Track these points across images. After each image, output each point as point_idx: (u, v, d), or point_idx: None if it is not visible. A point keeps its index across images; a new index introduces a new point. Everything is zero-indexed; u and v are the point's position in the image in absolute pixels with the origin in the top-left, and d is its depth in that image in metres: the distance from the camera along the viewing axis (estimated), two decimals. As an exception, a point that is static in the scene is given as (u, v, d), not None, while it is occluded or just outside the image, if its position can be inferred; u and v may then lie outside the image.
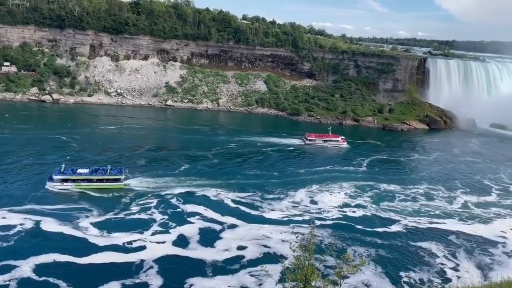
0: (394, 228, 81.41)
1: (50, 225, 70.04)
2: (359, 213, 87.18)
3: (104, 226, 70.91)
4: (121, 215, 76.02)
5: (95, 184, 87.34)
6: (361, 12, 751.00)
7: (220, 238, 71.40)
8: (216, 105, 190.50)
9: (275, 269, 52.00)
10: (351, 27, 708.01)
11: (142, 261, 61.64)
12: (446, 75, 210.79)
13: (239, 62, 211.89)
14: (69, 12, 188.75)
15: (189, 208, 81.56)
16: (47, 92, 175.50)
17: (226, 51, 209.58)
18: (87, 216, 73.94)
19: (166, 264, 61.43)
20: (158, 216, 76.88)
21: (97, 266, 59.83)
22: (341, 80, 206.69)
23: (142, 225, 72.86)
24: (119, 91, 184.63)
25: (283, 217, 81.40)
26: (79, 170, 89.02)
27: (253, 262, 63.82)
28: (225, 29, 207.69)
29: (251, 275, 60.32)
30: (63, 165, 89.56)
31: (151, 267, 60.38)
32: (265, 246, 69.64)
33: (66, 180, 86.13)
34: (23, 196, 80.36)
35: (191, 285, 57.02)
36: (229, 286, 57.26)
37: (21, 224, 69.18)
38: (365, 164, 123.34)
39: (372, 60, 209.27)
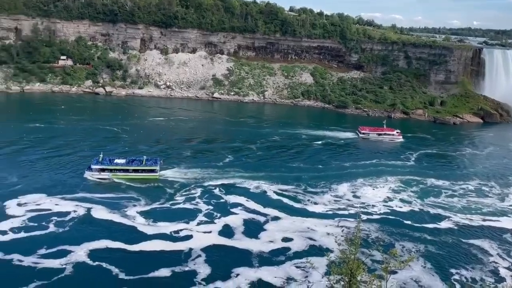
0: (444, 224, 78.23)
1: (100, 212, 72.14)
2: (406, 208, 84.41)
3: (151, 215, 72.28)
4: (166, 205, 77.22)
5: (131, 174, 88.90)
6: (412, 1, 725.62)
7: (264, 229, 71.25)
8: (262, 97, 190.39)
9: (320, 262, 51.31)
10: (402, 17, 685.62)
11: (190, 249, 62.34)
12: (503, 66, 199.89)
13: (286, 54, 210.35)
14: (121, 7, 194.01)
15: (232, 199, 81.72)
16: (100, 84, 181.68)
17: (272, 43, 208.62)
18: (134, 205, 75.59)
19: (212, 254, 61.86)
20: (202, 207, 77.50)
21: (147, 253, 61.08)
22: (391, 71, 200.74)
23: (187, 215, 73.66)
24: (168, 83, 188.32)
25: (327, 211, 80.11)
26: (116, 160, 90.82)
27: (299, 254, 63.24)
28: (272, 21, 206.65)
29: (297, 267, 59.85)
30: (101, 155, 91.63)
31: (199, 255, 60.99)
32: (310, 238, 68.83)
33: (103, 170, 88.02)
34: (75, 185, 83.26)
35: (238, 274, 57.24)
36: (275, 277, 57.05)
37: (74, 211, 71.65)
38: (413, 158, 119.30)
39: (423, 51, 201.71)
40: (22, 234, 63.16)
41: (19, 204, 72.19)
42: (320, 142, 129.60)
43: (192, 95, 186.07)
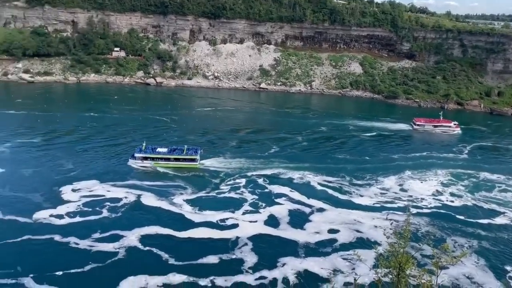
0: (499, 220, 74.64)
1: (149, 199, 74.16)
2: (457, 202, 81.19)
3: (197, 204, 73.47)
4: (212, 194, 78.23)
5: (172, 163, 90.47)
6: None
7: (310, 220, 70.85)
8: (309, 87, 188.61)
9: (368, 255, 50.11)
10: (457, 4, 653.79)
11: (237, 238, 62.97)
12: None
13: (334, 44, 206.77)
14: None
15: (277, 189, 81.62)
16: (151, 75, 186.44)
17: (320, 33, 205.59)
18: (181, 194, 77.05)
19: (258, 243, 62.21)
20: (247, 196, 77.91)
21: (195, 240, 62.30)
22: (444, 60, 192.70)
23: (233, 204, 74.36)
24: (216, 74, 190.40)
25: (374, 203, 78.44)
26: (158, 149, 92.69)
27: (346, 246, 62.48)
28: (321, 10, 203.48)
29: (344, 259, 59.23)
30: (144, 144, 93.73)
31: (245, 244, 61.56)
32: (357, 231, 67.79)
33: (146, 158, 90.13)
34: (126, 172, 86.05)
35: (284, 264, 57.41)
36: (321, 268, 56.75)
37: (125, 198, 74.07)
38: (466, 151, 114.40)
39: (480, 39, 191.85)
40: (78, 219, 66.09)
41: (73, 190, 75.57)
42: (368, 133, 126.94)
43: (239, 85, 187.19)
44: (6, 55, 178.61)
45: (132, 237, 61.36)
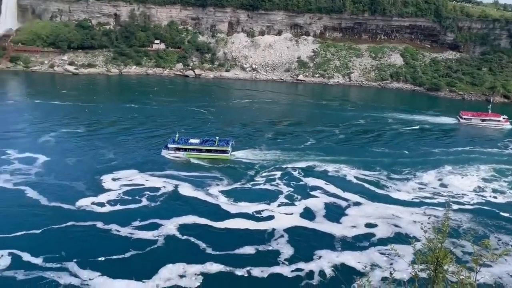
0: (548, 219, 71.57)
1: (186, 190, 75.25)
2: (501, 199, 78.04)
3: (232, 195, 73.94)
4: (247, 186, 78.48)
5: (204, 154, 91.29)
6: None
7: (346, 214, 70.07)
8: (347, 79, 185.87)
9: (406, 250, 49.22)
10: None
11: (273, 230, 63.00)
12: None
13: (374, 35, 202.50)
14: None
15: (312, 182, 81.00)
16: (190, 67, 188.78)
17: (360, 24, 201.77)
18: (217, 184, 77.73)
19: (294, 235, 62.07)
20: (282, 189, 77.71)
21: (231, 230, 62.78)
22: (491, 52, 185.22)
23: (268, 196, 74.38)
24: (253, 66, 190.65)
25: (412, 198, 76.57)
26: (191, 140, 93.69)
27: (383, 241, 61.41)
28: (360, 1, 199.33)
29: (381, 253, 58.33)
30: (177, 135, 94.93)
31: (281, 236, 61.55)
32: (395, 225, 66.50)
33: (179, 149, 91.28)
34: (163, 162, 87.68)
35: (320, 257, 57.14)
36: (358, 262, 56.17)
37: (163, 187, 75.53)
38: (511, 146, 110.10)
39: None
40: (118, 207, 67.94)
41: (114, 179, 77.69)
42: (407, 127, 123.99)
43: (276, 77, 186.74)
44: (53, 48, 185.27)
45: (170, 226, 62.55)
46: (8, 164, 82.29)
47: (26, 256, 52.97)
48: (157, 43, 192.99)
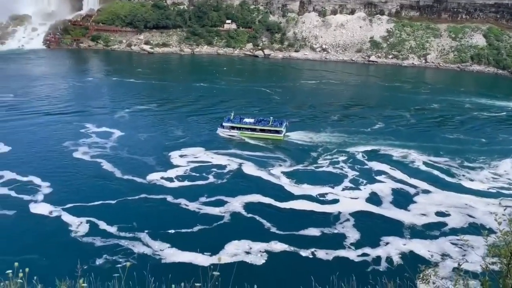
0: None
1: (250, 169, 76.71)
2: None
3: (295, 176, 74.12)
4: (310, 168, 78.24)
5: (258, 133, 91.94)
6: None
7: (414, 201, 67.87)
8: (423, 61, 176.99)
9: (480, 242, 46.89)
10: None
11: (339, 213, 62.78)
12: None
13: (455, 14, 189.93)
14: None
15: (378, 166, 79.15)
16: (259, 47, 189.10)
17: (440, 2, 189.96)
18: (279, 165, 78.31)
19: (360, 220, 61.45)
20: (347, 172, 76.77)
21: (296, 211, 63.22)
22: None
23: (332, 179, 73.87)
24: (323, 46, 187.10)
25: (488, 188, 72.38)
26: (245, 119, 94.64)
27: (456, 231, 58.90)
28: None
29: (453, 244, 56.06)
30: (232, 114, 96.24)
31: (347, 219, 61.16)
32: (469, 216, 63.46)
33: (233, 128, 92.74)
34: (228, 141, 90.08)
35: (387, 243, 56.13)
36: (428, 251, 54.46)
37: (228, 165, 77.60)
38: None
39: None
40: (186, 183, 70.77)
41: (181, 155, 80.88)
42: (486, 113, 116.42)
43: (347, 58, 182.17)
44: (130, 27, 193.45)
45: (236, 204, 64.24)
46: (87, 137, 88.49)
47: (103, 225, 56.88)
48: (229, 23, 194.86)
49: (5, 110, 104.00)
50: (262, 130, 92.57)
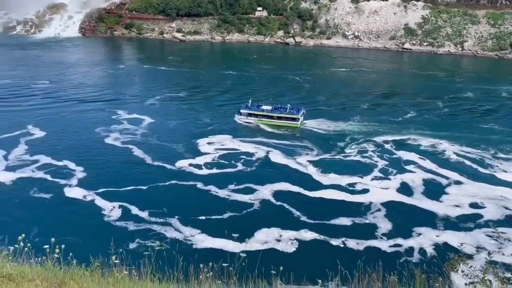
0: None
1: (277, 157, 76.47)
2: None
3: (323, 166, 73.37)
4: (338, 157, 77.27)
5: (275, 121, 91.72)
6: None
7: (446, 192, 66.05)
8: (460, 49, 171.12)
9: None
10: None
11: (370, 203, 61.88)
12: None
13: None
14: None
15: (408, 156, 77.43)
16: (291, 35, 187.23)
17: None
18: (306, 154, 77.71)
19: (392, 210, 60.41)
20: (376, 162, 75.40)
21: (325, 200, 62.67)
22: None
23: (360, 169, 72.76)
24: (356, 33, 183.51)
25: (524, 180, 69.79)
26: (263, 107, 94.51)
27: (491, 223, 57.03)
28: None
29: (488, 236, 54.31)
30: (250, 101, 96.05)
31: (378, 210, 60.23)
32: (505, 207, 61.34)
33: (251, 115, 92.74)
34: (252, 129, 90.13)
35: (419, 234, 54.94)
36: (462, 243, 52.74)
37: (255, 153, 77.69)
38: None
39: None
40: (215, 170, 71.14)
41: (209, 143, 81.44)
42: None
43: (380, 45, 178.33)
44: (162, 15, 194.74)
45: (265, 191, 64.25)
46: (118, 124, 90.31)
47: (135, 210, 57.93)
48: (260, 10, 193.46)
49: (40, 96, 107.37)
50: (279, 118, 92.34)
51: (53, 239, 12.48)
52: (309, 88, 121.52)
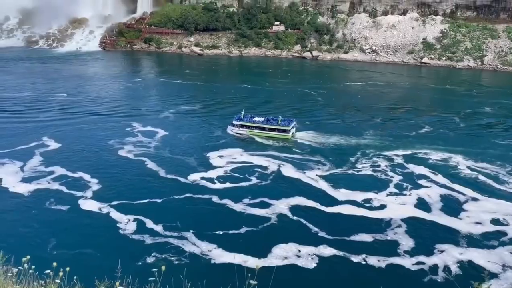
0: None
1: (289, 171, 75.59)
2: None
3: (336, 180, 72.37)
4: (350, 172, 76.10)
5: (266, 132, 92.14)
6: None
7: (464, 209, 64.41)
8: (479, 63, 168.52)
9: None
10: None
11: (390, 219, 60.56)
12: None
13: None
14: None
15: (423, 171, 75.94)
16: (308, 49, 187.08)
17: (498, 1, 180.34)
18: (318, 168, 76.77)
19: (411, 226, 59.06)
20: (390, 177, 74.13)
21: (343, 216, 61.56)
22: None
23: (375, 185, 71.51)
24: (373, 47, 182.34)
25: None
26: (255, 118, 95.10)
27: (515, 241, 55.06)
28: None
29: (514, 254, 52.22)
30: (243, 112, 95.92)
31: (398, 226, 58.90)
32: (528, 225, 59.02)
33: (243, 126, 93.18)
34: (262, 142, 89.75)
35: (442, 251, 53.39)
36: (488, 262, 50.85)
37: (267, 167, 76.97)
38: None
39: None
40: (228, 184, 70.44)
41: (220, 156, 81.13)
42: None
43: (398, 59, 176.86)
44: (181, 30, 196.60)
45: (281, 206, 63.46)
46: (132, 136, 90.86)
47: (149, 223, 57.45)
48: (277, 25, 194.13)
49: (57, 108, 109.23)
50: (270, 129, 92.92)
51: (55, 263, 12.30)
52: (322, 102, 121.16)
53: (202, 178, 71.61)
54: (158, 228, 56.06)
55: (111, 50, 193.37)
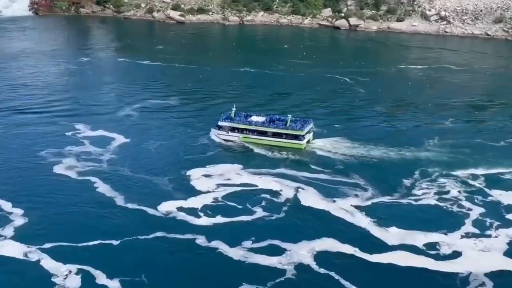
0: None
1: (310, 199, 75.85)
2: None
3: (381, 214, 72.75)
4: (402, 201, 76.36)
5: (269, 139, 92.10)
6: None
7: None
8: None
9: None
10: None
11: (469, 273, 60.53)
12: None
13: None
14: None
15: (507, 199, 76.45)
16: (342, 15, 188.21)
17: None
18: (355, 195, 76.93)
19: (503, 284, 59.12)
20: (465, 209, 74.51)
21: (397, 268, 61.49)
22: None
23: (442, 220, 71.93)
24: (442, 13, 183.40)
25: None
26: (253, 118, 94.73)
27: None
28: None
29: None
30: (234, 109, 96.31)
31: (482, 284, 58.91)
32: None
33: (234, 129, 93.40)
34: (272, 156, 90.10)
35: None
36: None
37: (278, 192, 77.27)
38: None
39: None
40: (220, 218, 70.43)
41: (206, 175, 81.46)
42: None
43: (479, 31, 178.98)
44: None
45: (302, 252, 63.38)
46: (76, 144, 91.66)
47: (101, 277, 57.13)
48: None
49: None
50: (275, 134, 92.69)
51: None
52: (363, 95, 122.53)
53: (180, 209, 71.69)
54: (114, 285, 55.95)
55: (47, 15, 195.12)
